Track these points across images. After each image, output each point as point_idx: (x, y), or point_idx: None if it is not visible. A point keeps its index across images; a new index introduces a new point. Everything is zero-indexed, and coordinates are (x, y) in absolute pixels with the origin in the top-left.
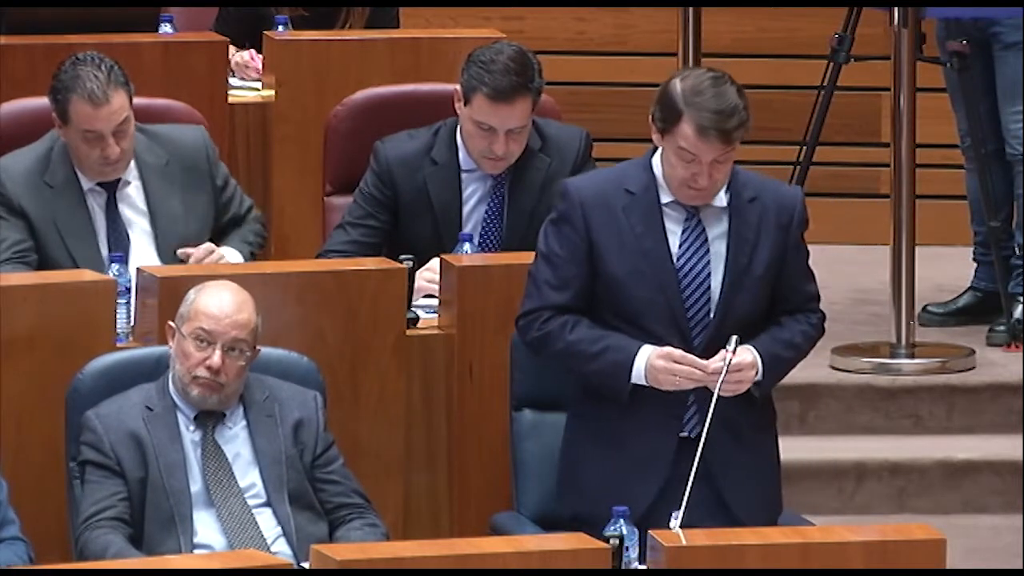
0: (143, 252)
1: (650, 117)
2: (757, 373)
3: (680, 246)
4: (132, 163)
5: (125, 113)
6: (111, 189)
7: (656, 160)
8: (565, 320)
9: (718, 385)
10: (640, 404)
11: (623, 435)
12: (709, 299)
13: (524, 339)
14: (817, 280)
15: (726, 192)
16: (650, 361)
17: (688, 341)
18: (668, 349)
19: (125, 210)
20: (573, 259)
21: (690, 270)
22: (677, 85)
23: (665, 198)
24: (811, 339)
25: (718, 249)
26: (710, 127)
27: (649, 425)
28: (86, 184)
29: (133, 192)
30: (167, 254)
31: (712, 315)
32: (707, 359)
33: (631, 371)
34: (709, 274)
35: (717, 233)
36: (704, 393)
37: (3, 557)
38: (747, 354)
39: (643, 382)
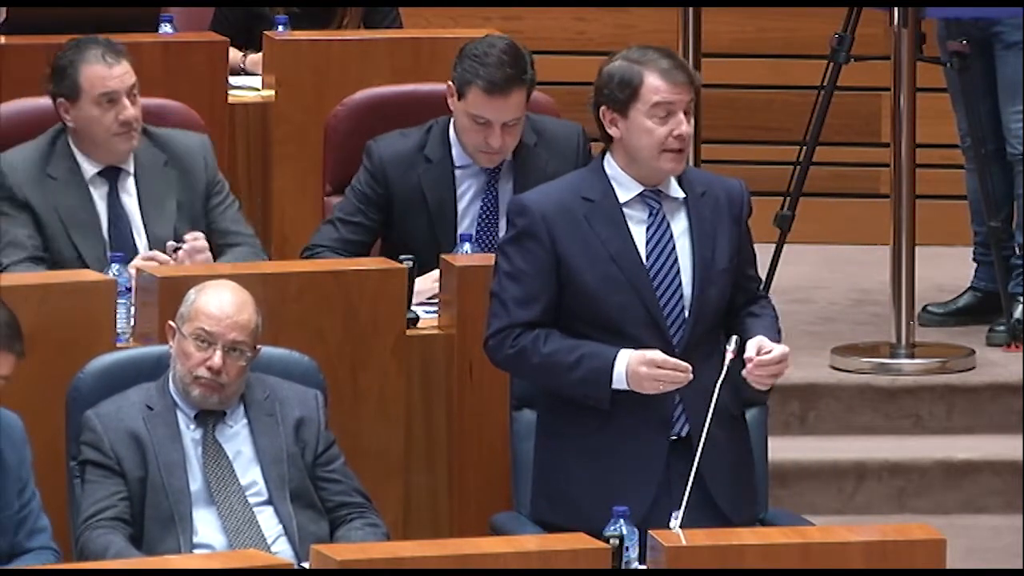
0: (140, 246)
1: (600, 113)
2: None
3: (647, 244)
4: (131, 158)
5: (134, 78)
6: (113, 178)
7: (608, 162)
8: (537, 334)
9: (718, 384)
10: (626, 410)
11: (611, 443)
12: (682, 296)
13: (496, 359)
14: (817, 280)
15: (680, 187)
16: (631, 367)
17: (667, 340)
18: (649, 355)
19: (126, 200)
20: (540, 274)
21: (660, 268)
22: (615, 63)
23: (624, 197)
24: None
25: (682, 245)
26: (673, 68)
27: (638, 431)
28: (89, 172)
29: (132, 187)
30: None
31: (688, 312)
32: (686, 357)
33: (612, 376)
34: (679, 270)
35: (680, 230)
36: (691, 393)
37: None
38: (777, 345)
39: (624, 386)
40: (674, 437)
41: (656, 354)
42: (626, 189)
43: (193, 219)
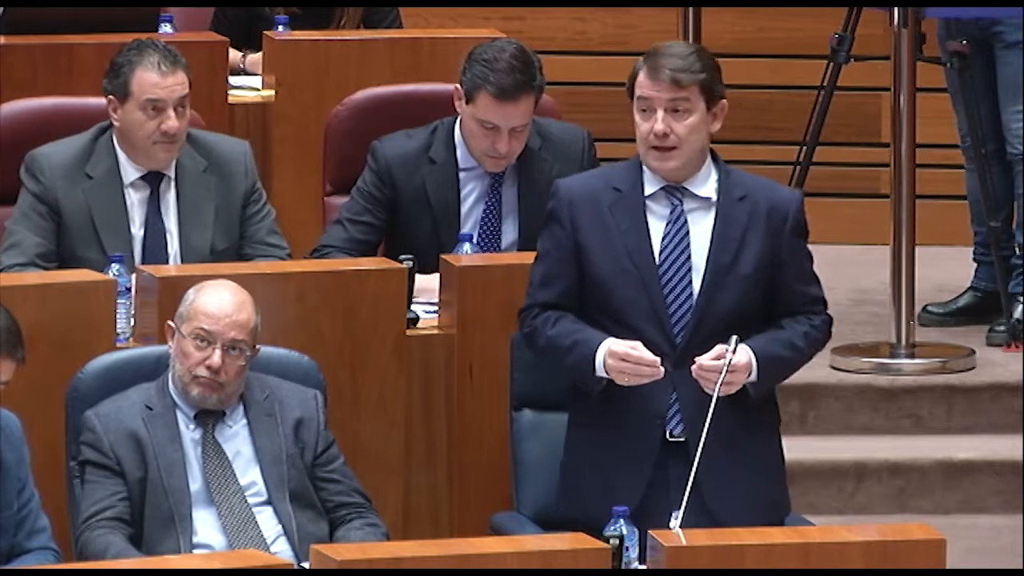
0: (172, 251)
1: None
2: (751, 374)
3: (662, 240)
4: (173, 163)
5: (186, 90)
6: (155, 183)
7: None
8: (548, 316)
9: (717, 386)
10: (621, 405)
11: (609, 437)
12: (690, 296)
13: (521, 335)
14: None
15: (716, 188)
16: (604, 359)
17: (670, 339)
18: (614, 347)
19: (165, 205)
20: (561, 257)
21: (670, 266)
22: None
23: (649, 190)
24: (814, 340)
25: (701, 246)
26: (659, 65)
27: (631, 426)
28: (129, 177)
29: (172, 192)
30: (189, 258)
31: (692, 313)
32: (687, 356)
33: (595, 365)
34: (689, 270)
35: (702, 230)
36: (687, 393)
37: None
38: (742, 355)
39: (605, 375)
40: (672, 439)
41: (620, 346)
42: (652, 182)
43: (229, 226)
